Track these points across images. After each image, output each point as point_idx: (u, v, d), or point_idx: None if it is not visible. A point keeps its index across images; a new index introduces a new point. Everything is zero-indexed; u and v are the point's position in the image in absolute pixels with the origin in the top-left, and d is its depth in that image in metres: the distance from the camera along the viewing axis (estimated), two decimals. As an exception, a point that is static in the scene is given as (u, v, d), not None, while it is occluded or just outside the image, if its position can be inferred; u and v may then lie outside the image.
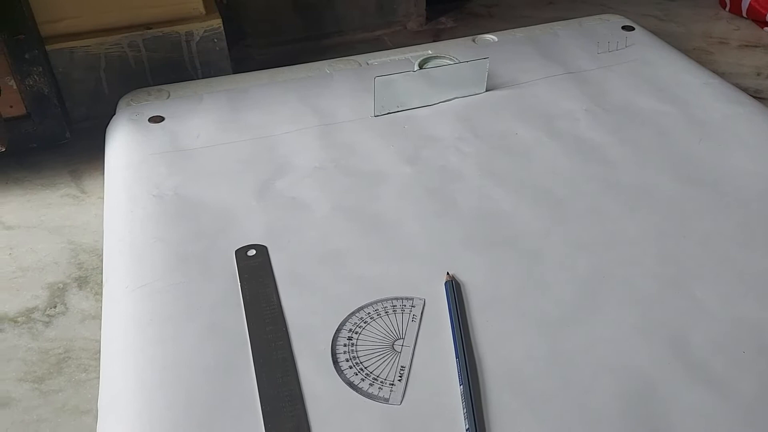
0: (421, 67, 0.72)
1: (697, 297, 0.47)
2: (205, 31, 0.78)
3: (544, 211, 0.55)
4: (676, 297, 0.48)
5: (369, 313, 0.46)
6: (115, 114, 0.70)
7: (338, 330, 0.45)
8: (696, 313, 0.46)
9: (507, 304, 0.47)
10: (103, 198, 0.59)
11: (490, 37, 0.82)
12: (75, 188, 0.69)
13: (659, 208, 0.55)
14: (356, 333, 0.45)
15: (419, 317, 0.46)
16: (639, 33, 0.81)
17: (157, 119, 0.68)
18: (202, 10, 0.78)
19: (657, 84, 0.71)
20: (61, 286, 0.57)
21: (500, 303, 0.47)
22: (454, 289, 0.47)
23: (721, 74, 0.85)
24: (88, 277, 0.58)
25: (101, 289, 0.51)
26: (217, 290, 0.48)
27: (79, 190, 0.69)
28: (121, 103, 0.71)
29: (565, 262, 0.51)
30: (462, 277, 0.49)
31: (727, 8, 1.01)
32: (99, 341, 0.47)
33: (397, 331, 0.45)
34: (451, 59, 0.72)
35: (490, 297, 0.48)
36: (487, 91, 0.71)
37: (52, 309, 0.54)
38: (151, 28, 0.76)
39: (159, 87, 0.73)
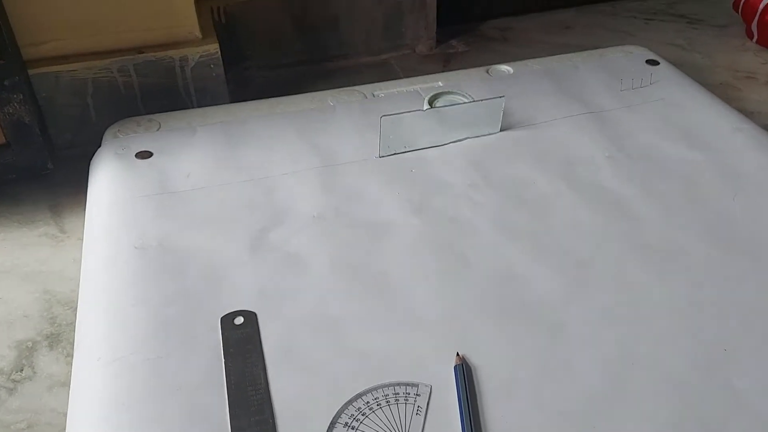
0: (431, 104, 0.66)
1: (736, 387, 0.42)
2: (200, 56, 0.73)
3: (565, 275, 0.50)
4: (712, 386, 0.42)
5: (368, 402, 0.41)
6: (100, 146, 0.65)
7: (333, 423, 0.40)
8: (735, 407, 0.41)
9: (525, 392, 0.42)
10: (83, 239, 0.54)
11: (505, 68, 0.77)
12: (54, 227, 0.64)
13: (691, 275, 0.50)
14: (353, 428, 0.39)
15: (425, 409, 0.41)
16: (664, 68, 0.76)
17: (144, 155, 0.63)
18: (198, 33, 0.73)
19: (684, 128, 0.66)
20: (30, 344, 0.52)
21: (517, 390, 0.42)
22: (465, 375, 0.42)
23: (750, 113, 0.80)
24: (60, 334, 0.53)
25: (74, 351, 0.46)
26: (199, 367, 0.43)
27: (58, 228, 0.64)
28: (108, 134, 0.66)
29: (590, 338, 0.45)
30: (474, 356, 0.44)
31: (755, 39, 0.96)
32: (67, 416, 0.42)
33: (400, 428, 0.40)
34: (463, 96, 0.67)
35: (506, 383, 0.43)
36: (501, 131, 0.65)
37: (18, 373, 0.49)
38: (143, 53, 0.71)
39: (149, 117, 0.68)
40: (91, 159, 0.64)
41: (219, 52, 0.73)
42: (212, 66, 0.74)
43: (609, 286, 0.49)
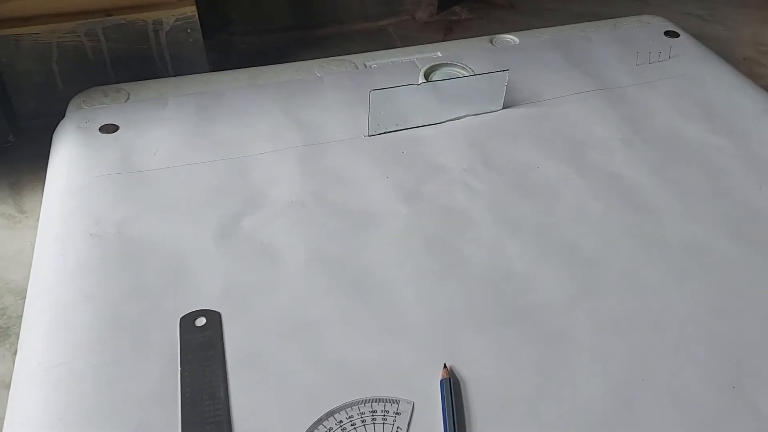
0: (427, 77, 0.60)
1: (761, 410, 0.37)
2: (176, 20, 0.66)
3: (570, 275, 0.45)
4: (734, 407, 0.37)
5: (341, 422, 0.36)
6: (64, 117, 0.59)
7: (300, 446, 0.35)
8: (763, 437, 0.36)
9: (520, 411, 0.37)
10: (41, 222, 0.49)
11: (511, 38, 0.70)
12: (12, 206, 0.59)
13: (712, 277, 0.45)
14: (322, 452, 0.34)
15: (405, 430, 0.36)
16: (684, 40, 0.69)
17: (110, 128, 0.57)
18: (174, -6, 0.66)
19: (707, 108, 0.60)
20: (-26, 340, 0.47)
21: (511, 409, 0.37)
22: (452, 390, 0.37)
23: (777, 92, 0.74)
24: (9, 328, 0.48)
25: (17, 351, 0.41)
26: (152, 376, 0.38)
27: (16, 208, 0.58)
28: (72, 105, 0.60)
29: (595, 349, 0.40)
30: (463, 369, 0.39)
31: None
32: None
33: (376, 452, 0.35)
34: (463, 68, 0.61)
35: (499, 400, 0.37)
36: (504, 108, 0.59)
37: (-41, 373, 0.44)
38: (112, 15, 0.65)
39: (118, 86, 0.62)
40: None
41: (197, 15, 0.67)
42: (189, 30, 0.67)
43: (618, 289, 0.44)
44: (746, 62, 0.79)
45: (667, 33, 0.70)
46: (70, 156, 0.54)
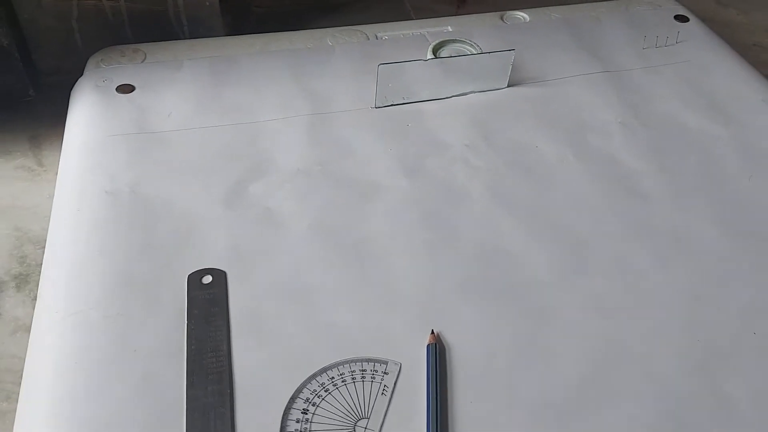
0: (435, 53, 0.61)
1: (728, 395, 0.40)
2: (193, -17, 0.68)
3: (560, 255, 0.47)
4: (702, 390, 0.40)
5: (333, 378, 0.39)
6: (82, 75, 0.61)
7: (293, 398, 0.38)
8: (725, 416, 0.39)
9: (500, 380, 0.40)
10: (60, 175, 0.52)
11: (521, 15, 0.71)
12: (32, 159, 0.61)
13: (697, 264, 0.47)
14: (314, 404, 0.37)
15: (391, 389, 0.38)
16: (693, 25, 0.70)
17: (126, 89, 0.59)
18: (192, -42, 0.67)
19: (708, 96, 0.61)
20: (-4, 285, 0.50)
21: (492, 378, 0.40)
22: (437, 356, 0.40)
23: (783, 81, 0.74)
24: (29, 275, 0.51)
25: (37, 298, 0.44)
26: (161, 328, 0.41)
27: (36, 161, 0.61)
28: (90, 63, 0.62)
29: (578, 327, 0.43)
30: (450, 336, 0.42)
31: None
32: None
33: (363, 408, 0.37)
34: (471, 45, 0.62)
35: (481, 368, 0.40)
36: (509, 86, 0.61)
37: (-19, 315, 0.48)
38: (131, -25, 0.66)
39: (135, 46, 0.64)
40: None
41: (213, -20, 0.68)
42: (206, -6, 0.69)
43: (605, 271, 0.46)
44: (756, 48, 0.79)
45: (677, 17, 0.70)
46: (87, 114, 0.56)
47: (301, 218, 0.49)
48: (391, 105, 0.59)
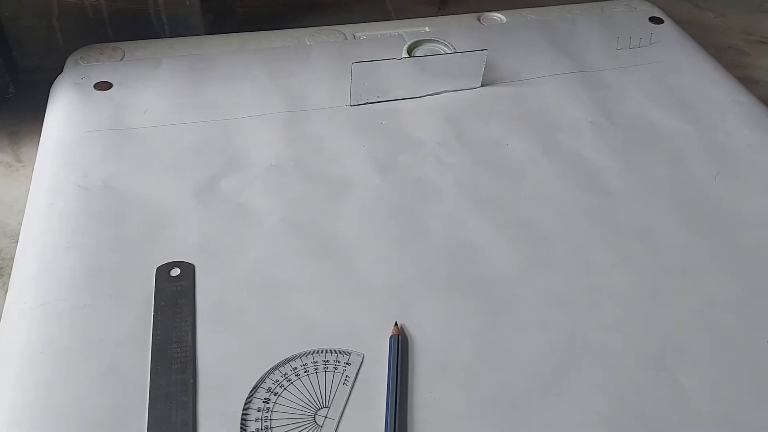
0: (409, 52, 0.62)
1: (682, 386, 0.40)
2: (173, -18, 0.68)
3: (524, 251, 0.48)
4: (657, 382, 0.40)
5: (295, 368, 0.39)
6: (61, 72, 0.62)
7: (255, 388, 0.38)
8: (678, 407, 0.39)
9: (460, 372, 0.40)
10: (37, 171, 0.52)
11: (498, 16, 0.72)
12: (11, 155, 0.62)
13: (658, 260, 0.48)
14: (275, 394, 0.38)
15: (352, 380, 0.39)
16: (668, 27, 0.71)
17: (103, 86, 0.59)
18: (172, -43, 0.68)
19: (679, 96, 0.62)
20: (-30, 278, 0.51)
21: (453, 369, 0.40)
22: (399, 347, 0.40)
23: (755, 83, 0.76)
24: (3, 269, 0.52)
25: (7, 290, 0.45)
26: (127, 319, 0.41)
27: (14, 157, 0.62)
28: (69, 61, 0.63)
29: (538, 321, 0.43)
30: (413, 328, 0.42)
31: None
32: (-7, 358, 0.41)
33: (324, 397, 0.38)
34: (446, 45, 0.63)
35: (442, 360, 0.41)
36: (483, 86, 0.62)
37: (-45, 307, 0.48)
38: (111, -26, 0.67)
39: (114, 45, 0.65)
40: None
41: (194, -21, 0.69)
42: (186, -7, 0.69)
43: (568, 267, 0.47)
44: (731, 51, 0.80)
45: (652, 19, 0.71)
46: (65, 111, 0.57)
47: (272, 213, 0.49)
48: (366, 103, 0.59)
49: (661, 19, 0.71)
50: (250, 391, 0.38)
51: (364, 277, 0.45)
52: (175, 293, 0.43)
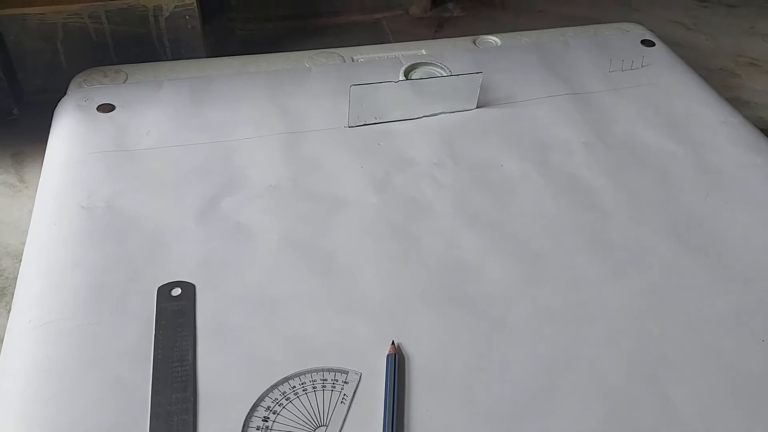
0: (406, 75, 0.64)
1: (670, 400, 0.41)
2: (175, 7, 0.70)
3: (518, 268, 0.49)
4: (647, 396, 0.41)
5: (294, 387, 0.40)
6: (65, 94, 0.63)
7: (255, 406, 0.39)
8: (667, 421, 0.40)
9: (455, 388, 0.41)
10: (40, 192, 0.53)
11: (493, 39, 0.73)
12: (14, 175, 0.63)
13: (648, 277, 0.48)
14: (275, 412, 0.39)
15: (350, 398, 0.40)
16: (659, 50, 0.72)
17: (106, 108, 0.61)
18: (174, -18, 0.70)
19: (670, 117, 0.63)
20: (-26, 297, 0.52)
21: (448, 385, 0.41)
22: (396, 365, 0.41)
23: (744, 104, 0.77)
24: (6, 288, 0.53)
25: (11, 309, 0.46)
26: (129, 337, 0.42)
27: (18, 178, 0.63)
28: (73, 84, 0.64)
29: (531, 336, 0.44)
30: (409, 346, 0.43)
31: None
32: (-3, 377, 0.41)
33: (322, 415, 0.39)
34: (442, 68, 0.64)
35: (438, 377, 0.42)
36: (478, 107, 0.63)
37: (-42, 326, 0.49)
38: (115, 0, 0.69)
39: (117, 67, 0.66)
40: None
41: (195, 4, 0.70)
42: (188, 17, 0.71)
43: (560, 284, 0.48)
44: (721, 73, 0.82)
45: (644, 41, 0.73)
46: (69, 133, 0.58)
47: (270, 232, 0.50)
48: (364, 124, 0.61)
49: (652, 41, 0.73)
50: (250, 410, 0.39)
51: (361, 295, 0.46)
52: (176, 312, 0.44)
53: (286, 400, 0.39)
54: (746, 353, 0.44)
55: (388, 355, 0.42)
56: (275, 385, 0.40)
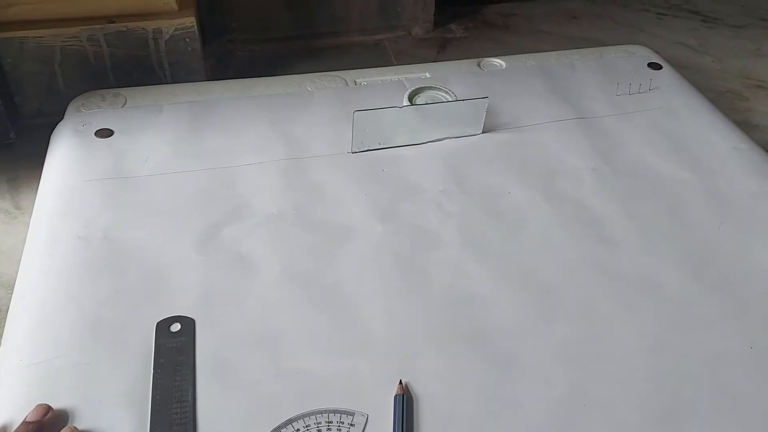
0: (411, 100, 0.63)
1: (693, 442, 0.40)
2: (175, 29, 0.69)
3: (528, 303, 0.47)
4: (668, 439, 0.40)
5: (298, 430, 0.38)
6: (62, 118, 0.62)
7: (257, 451, 0.37)
8: (690, 467, 0.38)
9: (465, 430, 0.39)
10: (36, 219, 0.52)
11: (498, 62, 0.72)
12: (9, 202, 0.61)
13: (661, 312, 0.47)
14: (278, 457, 0.37)
15: (357, 441, 0.38)
16: (666, 73, 0.72)
17: (105, 133, 0.59)
18: (174, 5, 0.69)
19: (679, 142, 0.62)
20: (-35, 330, 0.50)
21: (458, 427, 0.40)
22: (404, 406, 0.40)
23: (754, 127, 0.76)
24: (0, 320, 0.51)
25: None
26: (125, 377, 0.41)
27: (13, 204, 0.61)
28: (71, 107, 0.63)
29: (543, 374, 0.43)
30: (417, 385, 0.41)
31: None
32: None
33: (327, 461, 0.37)
34: (446, 92, 0.63)
35: (448, 418, 0.40)
36: (484, 132, 0.62)
37: (-52, 361, 0.47)
38: (114, 22, 0.67)
39: (116, 91, 0.65)
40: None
41: (195, 26, 0.69)
42: (188, 40, 0.70)
43: (571, 318, 0.46)
44: (729, 95, 0.81)
45: (650, 64, 0.72)
46: (65, 158, 0.57)
47: (272, 263, 0.49)
48: (368, 150, 0.59)
49: (659, 64, 0.72)
50: (251, 454, 0.37)
51: (366, 331, 0.45)
52: (175, 350, 0.42)
53: (290, 444, 0.38)
54: (766, 390, 0.42)
55: (395, 395, 0.40)
56: (278, 428, 0.38)
